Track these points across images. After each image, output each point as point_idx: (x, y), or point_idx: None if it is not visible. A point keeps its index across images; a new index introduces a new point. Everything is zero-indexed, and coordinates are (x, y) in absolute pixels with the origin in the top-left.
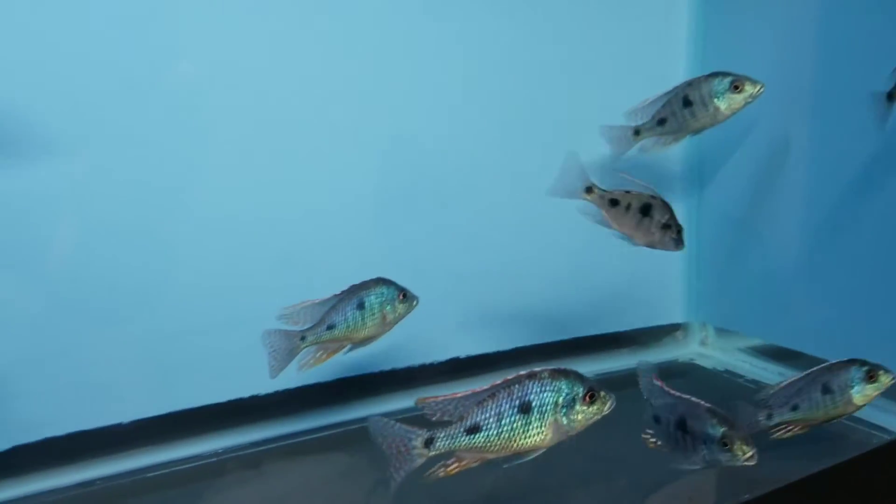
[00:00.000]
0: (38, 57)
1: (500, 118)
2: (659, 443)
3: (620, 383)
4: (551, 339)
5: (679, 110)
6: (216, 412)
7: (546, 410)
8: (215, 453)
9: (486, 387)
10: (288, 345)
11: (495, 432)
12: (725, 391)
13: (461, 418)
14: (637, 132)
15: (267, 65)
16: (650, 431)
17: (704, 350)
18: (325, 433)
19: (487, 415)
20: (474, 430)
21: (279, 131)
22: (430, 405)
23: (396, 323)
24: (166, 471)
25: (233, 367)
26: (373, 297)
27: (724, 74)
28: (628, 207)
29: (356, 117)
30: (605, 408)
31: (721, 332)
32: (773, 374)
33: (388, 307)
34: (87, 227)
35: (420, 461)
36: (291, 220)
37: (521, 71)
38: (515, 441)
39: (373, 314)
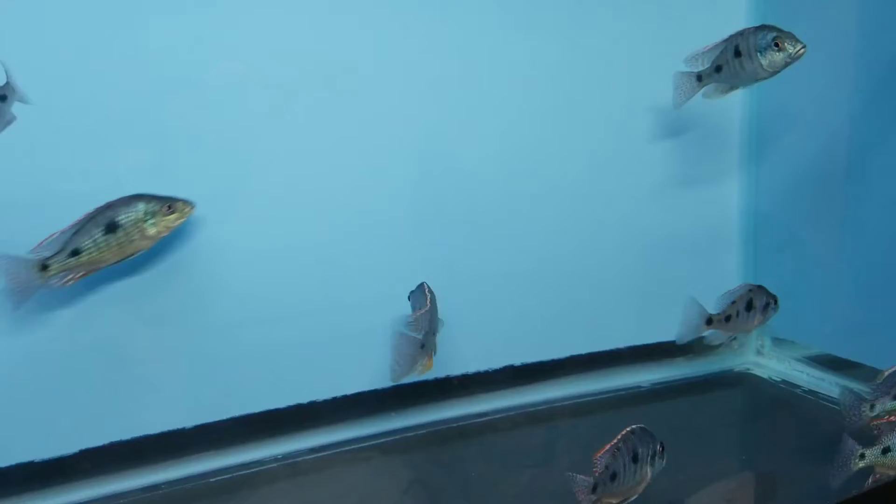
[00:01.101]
0: (83, 57)
1: (544, 117)
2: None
3: (676, 392)
4: (607, 347)
5: (731, 59)
6: (277, 417)
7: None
8: (275, 458)
9: None
10: (412, 351)
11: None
12: (782, 401)
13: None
14: (699, 78)
15: (313, 75)
16: None
17: (760, 359)
18: (385, 440)
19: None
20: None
21: (322, 137)
22: None
23: None
24: (229, 476)
25: (292, 373)
26: None
27: (771, 29)
28: (738, 314)
29: (395, 120)
30: None
31: (777, 341)
32: (830, 385)
33: None
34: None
35: None
36: (336, 223)
37: (565, 69)
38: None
39: None
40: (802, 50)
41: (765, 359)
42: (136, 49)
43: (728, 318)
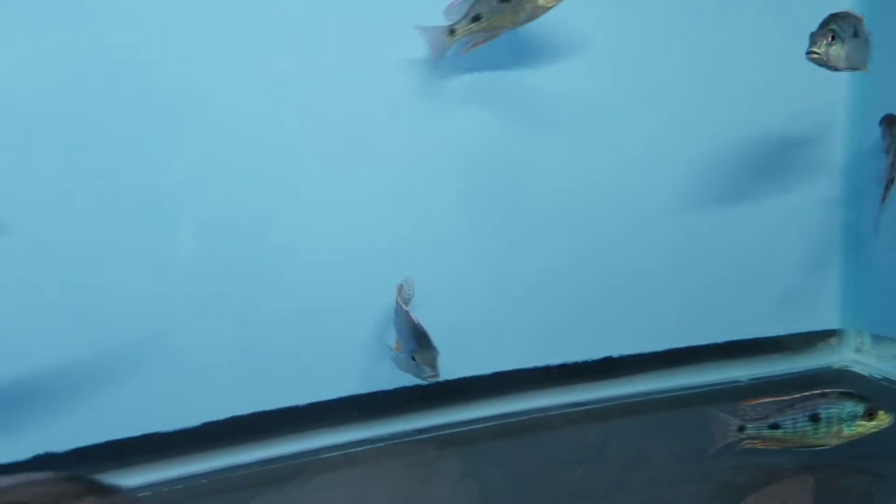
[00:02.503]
0: (150, 56)
1: (629, 101)
2: None
3: (773, 388)
4: (704, 341)
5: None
6: (340, 406)
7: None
8: (338, 446)
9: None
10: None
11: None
12: (883, 398)
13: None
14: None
15: (366, 61)
16: None
17: (860, 357)
18: (482, 425)
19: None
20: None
21: (377, 127)
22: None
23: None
24: (288, 463)
25: (353, 363)
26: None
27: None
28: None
29: (458, 112)
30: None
31: (877, 338)
32: None
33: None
34: (199, 218)
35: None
36: (395, 211)
37: (633, 54)
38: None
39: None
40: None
41: (864, 356)
42: (192, 46)
43: None
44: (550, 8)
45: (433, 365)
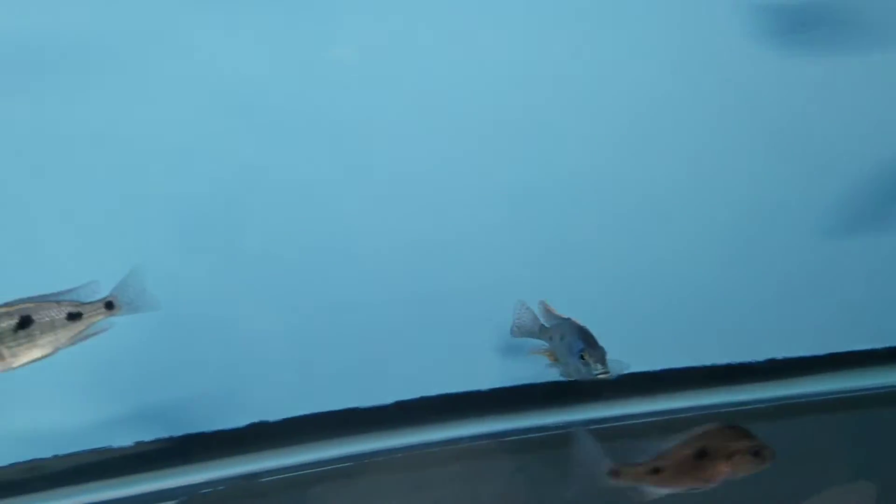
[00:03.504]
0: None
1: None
2: None
3: None
4: (864, 347)
5: None
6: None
7: None
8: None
9: None
10: None
11: None
12: None
13: None
14: None
15: (424, 56)
16: None
17: None
18: (642, 420)
19: None
20: None
21: (431, 126)
22: None
23: None
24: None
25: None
26: None
27: None
28: None
29: (515, 105)
30: None
31: None
32: None
33: None
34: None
35: None
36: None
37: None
38: None
39: None
40: None
41: None
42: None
43: None
44: None
45: (604, 361)
